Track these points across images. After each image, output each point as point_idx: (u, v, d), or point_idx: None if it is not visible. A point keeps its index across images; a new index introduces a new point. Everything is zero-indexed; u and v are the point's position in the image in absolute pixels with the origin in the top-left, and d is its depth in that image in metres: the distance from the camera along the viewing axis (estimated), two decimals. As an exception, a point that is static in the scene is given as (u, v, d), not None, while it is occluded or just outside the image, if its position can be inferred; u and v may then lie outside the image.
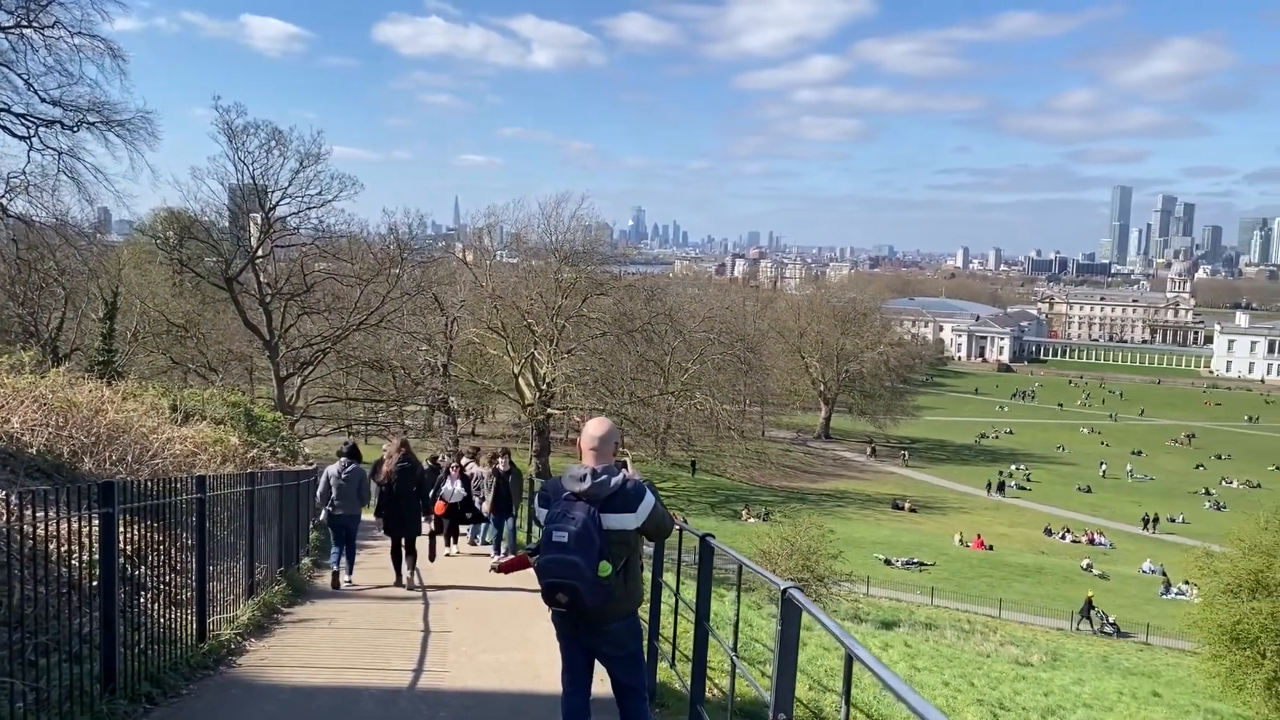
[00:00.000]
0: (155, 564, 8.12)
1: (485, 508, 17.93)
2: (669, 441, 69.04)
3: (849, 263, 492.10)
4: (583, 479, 5.85)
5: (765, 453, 77.07)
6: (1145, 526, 65.33)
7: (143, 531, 7.84)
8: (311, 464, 21.83)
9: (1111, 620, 40.73)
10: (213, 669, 8.58)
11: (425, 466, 18.30)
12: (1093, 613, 40.97)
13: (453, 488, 17.74)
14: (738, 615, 7.60)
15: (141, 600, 7.84)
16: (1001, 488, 76.64)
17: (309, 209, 45.63)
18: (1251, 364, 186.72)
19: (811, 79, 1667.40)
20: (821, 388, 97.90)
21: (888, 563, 49.14)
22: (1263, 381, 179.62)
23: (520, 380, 55.83)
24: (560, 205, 58.70)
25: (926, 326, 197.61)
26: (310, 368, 47.43)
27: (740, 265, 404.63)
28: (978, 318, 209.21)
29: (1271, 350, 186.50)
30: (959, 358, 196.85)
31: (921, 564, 49.68)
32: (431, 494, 16.96)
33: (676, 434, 67.27)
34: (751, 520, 54.91)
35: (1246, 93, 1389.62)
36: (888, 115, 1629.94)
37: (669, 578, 9.96)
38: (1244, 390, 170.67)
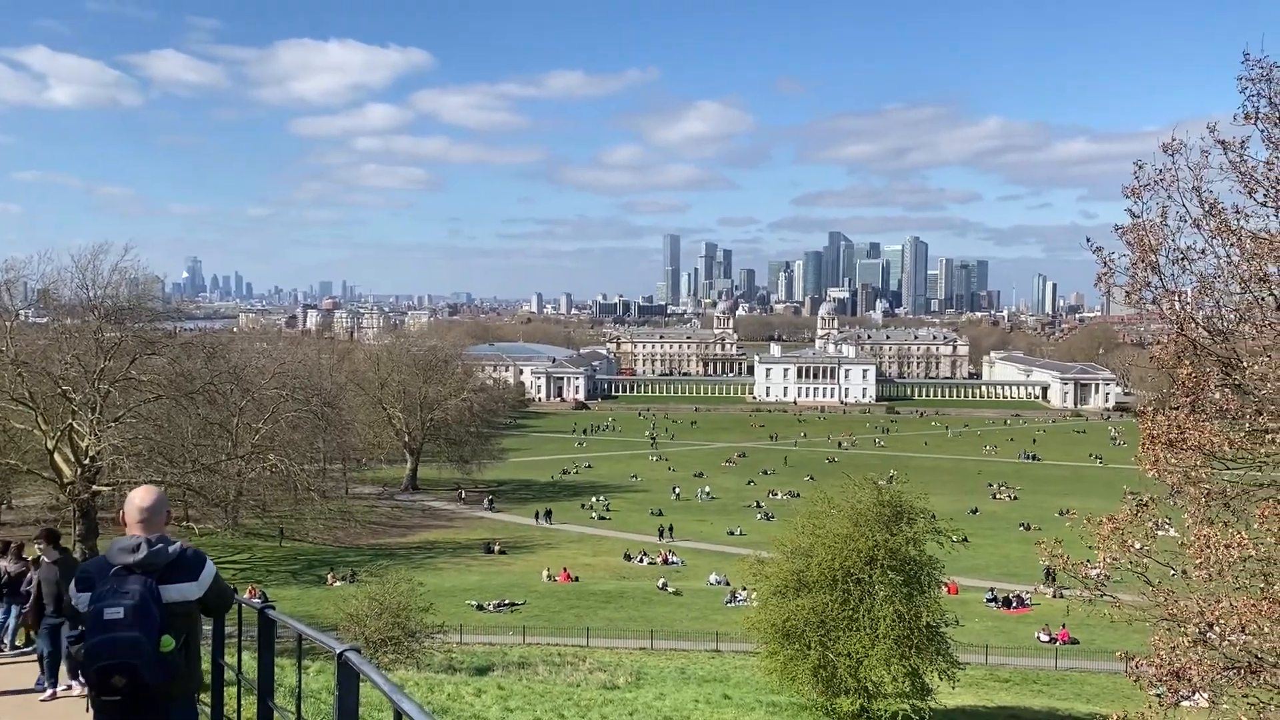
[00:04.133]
0: None
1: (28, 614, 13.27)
2: (241, 509, 64.27)
3: (428, 310, 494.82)
4: (136, 548, 5.40)
5: (350, 511, 74.23)
6: (660, 536, 72.22)
7: None
8: None
9: None
10: None
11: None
12: None
13: None
14: (300, 685, 7.11)
15: None
16: (549, 515, 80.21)
17: None
18: (785, 388, 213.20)
19: (371, 127, 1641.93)
20: (406, 438, 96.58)
21: (480, 608, 49.31)
22: (795, 403, 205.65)
23: (56, 456, 49.09)
24: (98, 257, 53.14)
25: (507, 370, 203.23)
26: None
27: (313, 316, 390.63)
28: (554, 360, 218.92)
29: (800, 375, 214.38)
30: (539, 398, 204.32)
31: (513, 604, 50.42)
32: None
33: (249, 500, 62.84)
34: (338, 583, 52.54)
35: (763, 152, 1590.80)
36: (452, 165, 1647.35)
37: (231, 657, 9.08)
38: (781, 412, 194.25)
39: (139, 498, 5.69)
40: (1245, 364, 13.13)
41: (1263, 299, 13.08)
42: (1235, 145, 13.04)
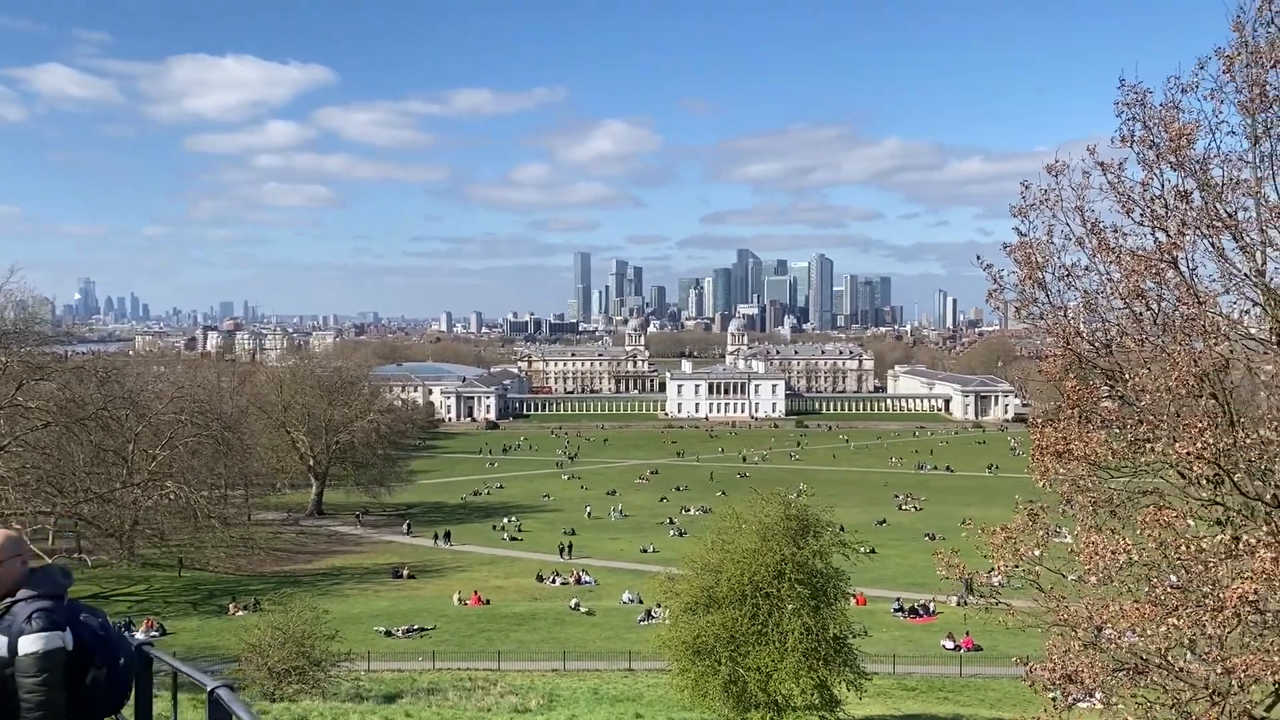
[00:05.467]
0: None
1: None
2: (137, 539, 61.93)
3: (333, 330, 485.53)
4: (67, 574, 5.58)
5: (252, 538, 72.05)
6: (561, 554, 72.15)
7: None
8: None
9: None
10: None
11: None
12: None
13: None
14: (178, 726, 6.81)
15: None
16: (448, 536, 79.41)
17: None
18: (697, 404, 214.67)
19: (273, 144, 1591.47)
20: (311, 462, 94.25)
21: (389, 634, 48.30)
22: (707, 419, 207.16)
23: (-64, 488, 46.70)
24: (-18, 279, 50.99)
25: (416, 391, 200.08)
26: None
27: (214, 338, 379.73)
28: (464, 379, 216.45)
29: (711, 391, 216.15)
30: (449, 419, 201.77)
31: (423, 629, 49.52)
32: None
33: (146, 529, 60.64)
34: (240, 613, 50.94)
35: (669, 171, 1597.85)
36: (356, 183, 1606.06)
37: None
38: (693, 428, 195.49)
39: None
40: (1128, 376, 13.66)
41: (1141, 314, 13.64)
42: (1114, 167, 13.61)
